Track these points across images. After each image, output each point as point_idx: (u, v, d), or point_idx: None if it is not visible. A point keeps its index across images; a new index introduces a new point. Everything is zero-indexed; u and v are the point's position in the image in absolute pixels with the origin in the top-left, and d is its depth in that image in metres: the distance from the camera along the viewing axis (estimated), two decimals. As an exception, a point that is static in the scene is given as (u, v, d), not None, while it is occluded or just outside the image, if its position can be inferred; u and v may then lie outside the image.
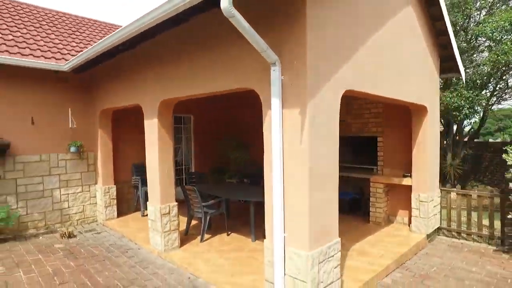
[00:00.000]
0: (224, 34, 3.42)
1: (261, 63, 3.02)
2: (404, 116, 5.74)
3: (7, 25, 6.47)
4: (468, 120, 12.43)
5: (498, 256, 4.84)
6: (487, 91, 9.98)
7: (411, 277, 4.15)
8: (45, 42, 6.41)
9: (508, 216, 4.80)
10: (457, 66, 5.81)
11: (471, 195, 5.56)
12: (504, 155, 4.85)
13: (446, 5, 9.09)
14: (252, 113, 8.44)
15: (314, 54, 2.85)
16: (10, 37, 5.98)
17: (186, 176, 7.88)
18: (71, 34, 7.47)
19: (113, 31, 8.98)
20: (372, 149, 6.48)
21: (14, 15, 7.15)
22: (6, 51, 5.41)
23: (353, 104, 6.63)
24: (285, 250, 3.01)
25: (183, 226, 5.47)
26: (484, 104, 9.38)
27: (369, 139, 6.56)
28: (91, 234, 5.93)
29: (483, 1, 9.20)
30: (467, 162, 11.95)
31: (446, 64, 5.94)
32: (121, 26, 9.68)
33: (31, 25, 6.96)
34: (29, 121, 5.90)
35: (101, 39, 7.88)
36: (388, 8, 4.11)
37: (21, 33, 6.37)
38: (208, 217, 5.22)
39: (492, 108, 11.08)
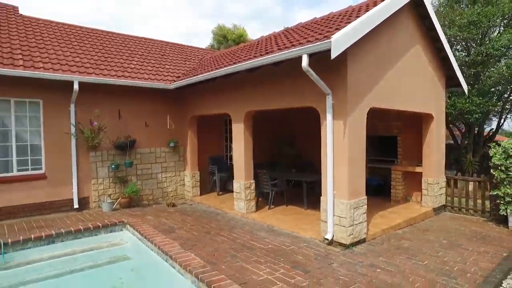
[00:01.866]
0: (298, 73, 5.80)
1: (320, 92, 5.37)
2: (417, 120, 7.88)
3: (130, 56, 9.30)
4: (488, 122, 14.08)
5: (483, 223, 6.90)
6: (503, 98, 11.71)
7: (416, 230, 6.36)
8: (151, 67, 9.16)
9: (489, 193, 6.85)
10: (459, 82, 7.87)
11: (469, 180, 7.62)
12: (489, 150, 6.88)
13: (463, 22, 11.06)
14: (299, 120, 10.85)
15: (351, 90, 5.18)
16: (132, 66, 8.77)
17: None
18: (160, 59, 10.20)
19: (187, 51, 11.69)
20: (394, 146, 8.66)
21: (126, 47, 9.99)
22: (136, 77, 8.17)
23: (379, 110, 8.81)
24: (334, 201, 5.36)
25: (253, 199, 7.93)
26: (497, 109, 11.14)
27: (391, 138, 8.74)
28: (186, 205, 8.57)
29: (497, 20, 10.97)
30: (487, 159, 13.59)
31: (452, 81, 8.00)
32: (184, 45, 12.38)
33: (138, 55, 9.77)
34: (143, 124, 8.66)
35: (182, 60, 10.58)
36: (400, 50, 6.33)
37: (136, 62, 9.17)
38: (273, 192, 7.68)
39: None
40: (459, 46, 12.76)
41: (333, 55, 4.51)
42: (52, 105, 7.38)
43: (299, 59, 4.95)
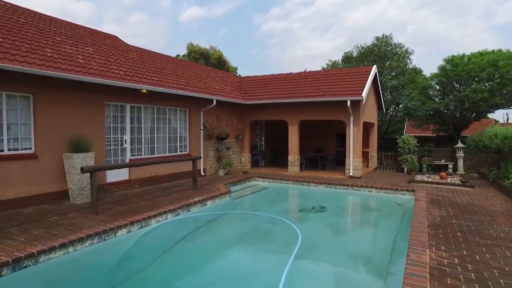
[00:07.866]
0: (337, 104, 13.92)
1: (347, 114, 13.70)
2: (367, 125, 17.15)
3: (211, 79, 15.57)
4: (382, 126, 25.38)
5: (381, 171, 16.60)
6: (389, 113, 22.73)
7: (374, 174, 15.46)
8: (227, 89, 15.71)
9: (398, 159, 16.64)
10: (383, 108, 17.59)
11: (386, 154, 17.39)
12: (398, 140, 16.59)
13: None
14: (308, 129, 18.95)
15: (361, 114, 13.72)
16: (218, 87, 15.21)
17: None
18: (217, 81, 16.64)
19: (217, 73, 18.28)
20: (352, 138, 17.86)
21: (202, 73, 16.05)
22: (227, 95, 14.76)
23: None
24: (353, 159, 13.80)
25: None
26: (388, 119, 21.96)
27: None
28: (251, 172, 15.57)
29: (390, 72, 21.68)
30: (382, 147, 24.83)
31: (379, 106, 17.65)
32: (211, 68, 18.92)
33: (216, 79, 16.02)
34: (225, 124, 15.23)
35: (223, 81, 17.35)
36: (370, 96, 15.28)
37: (218, 84, 15.56)
38: (304, 163, 15.62)
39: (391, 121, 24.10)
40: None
41: (363, 102, 12.93)
42: (192, 111, 13.44)
43: (344, 101, 13.16)
